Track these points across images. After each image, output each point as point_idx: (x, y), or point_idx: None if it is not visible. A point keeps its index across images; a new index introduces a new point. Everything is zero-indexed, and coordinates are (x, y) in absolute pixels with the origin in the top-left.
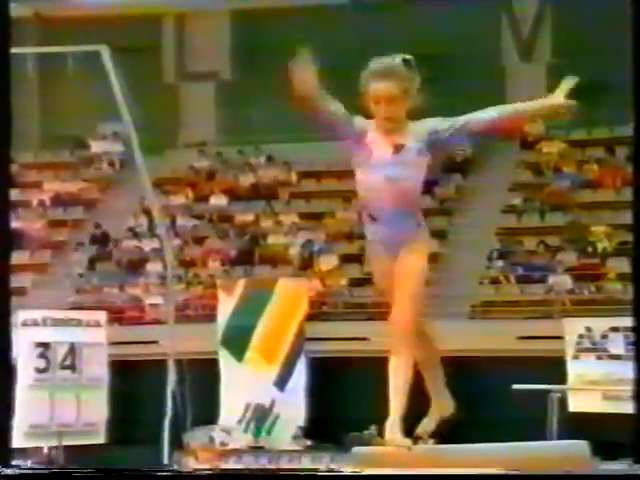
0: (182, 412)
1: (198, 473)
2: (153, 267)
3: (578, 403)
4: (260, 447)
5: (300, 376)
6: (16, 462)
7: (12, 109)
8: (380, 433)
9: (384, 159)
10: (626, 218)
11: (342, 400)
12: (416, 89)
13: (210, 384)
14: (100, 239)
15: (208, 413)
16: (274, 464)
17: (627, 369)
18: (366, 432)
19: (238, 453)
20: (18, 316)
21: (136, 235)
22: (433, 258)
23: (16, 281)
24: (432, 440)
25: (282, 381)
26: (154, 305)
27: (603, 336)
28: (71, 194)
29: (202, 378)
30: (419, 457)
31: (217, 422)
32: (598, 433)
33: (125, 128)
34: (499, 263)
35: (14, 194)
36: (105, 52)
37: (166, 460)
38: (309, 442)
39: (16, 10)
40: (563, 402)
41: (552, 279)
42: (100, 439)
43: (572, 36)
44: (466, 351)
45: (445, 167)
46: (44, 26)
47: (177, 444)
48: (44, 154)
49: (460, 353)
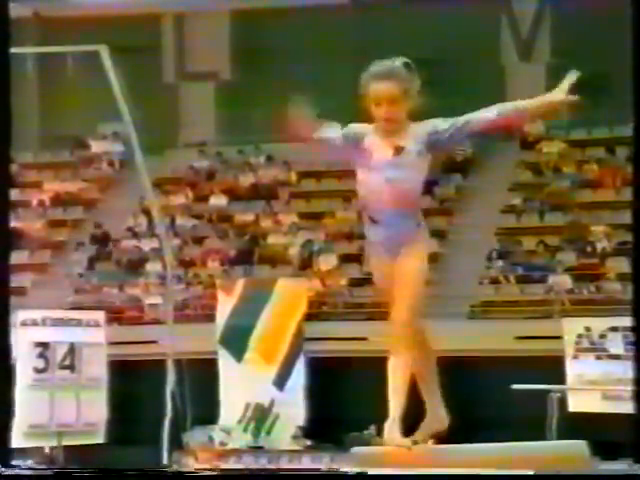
0: (181, 412)
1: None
2: (152, 267)
3: (577, 403)
4: (260, 447)
5: (299, 376)
6: (16, 462)
7: (12, 109)
8: (379, 433)
9: (384, 161)
10: (626, 218)
11: (341, 400)
12: (416, 91)
13: (209, 384)
14: (100, 239)
15: (207, 413)
16: (274, 464)
17: (626, 369)
18: (366, 432)
19: (238, 453)
20: (18, 316)
21: (136, 235)
22: (433, 258)
23: (16, 281)
24: (432, 440)
25: (281, 381)
26: (153, 305)
27: (602, 336)
28: (71, 194)
29: (201, 378)
30: (419, 457)
31: (217, 422)
32: (597, 433)
33: (125, 128)
34: (499, 263)
35: (14, 194)
36: (105, 52)
37: (166, 460)
38: (309, 442)
39: (15, 10)
40: (562, 402)
41: (552, 279)
42: (100, 439)
43: (572, 36)
44: (466, 351)
45: (445, 167)
46: (44, 26)
47: (177, 444)
48: (44, 154)
49: (460, 353)
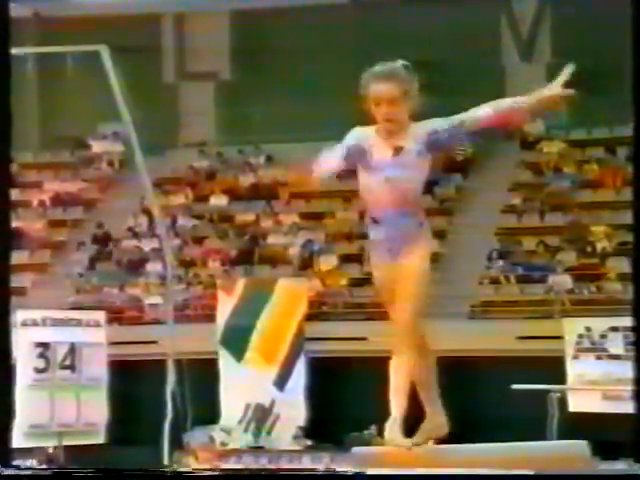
0: (182, 412)
1: (198, 473)
2: (153, 267)
3: (578, 403)
4: (260, 447)
5: (300, 376)
6: (16, 462)
7: (12, 109)
8: (380, 433)
9: (384, 161)
10: (626, 218)
11: (342, 400)
12: (416, 92)
13: (210, 384)
14: (102, 239)
15: (208, 413)
16: (274, 464)
17: (626, 369)
18: (366, 432)
19: (238, 453)
20: (18, 316)
21: (136, 235)
22: (433, 258)
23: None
24: (432, 440)
25: (282, 381)
26: (154, 305)
27: (602, 336)
28: (71, 194)
29: (202, 378)
30: (419, 457)
31: (217, 422)
32: (598, 433)
33: (125, 128)
34: (499, 263)
35: (14, 194)
36: (105, 52)
37: (166, 460)
38: (309, 442)
39: (15, 10)
40: (563, 402)
41: (552, 279)
42: (100, 439)
43: (572, 36)
44: (466, 351)
45: (445, 167)
46: (44, 26)
47: (177, 444)
48: (44, 154)
49: (460, 353)
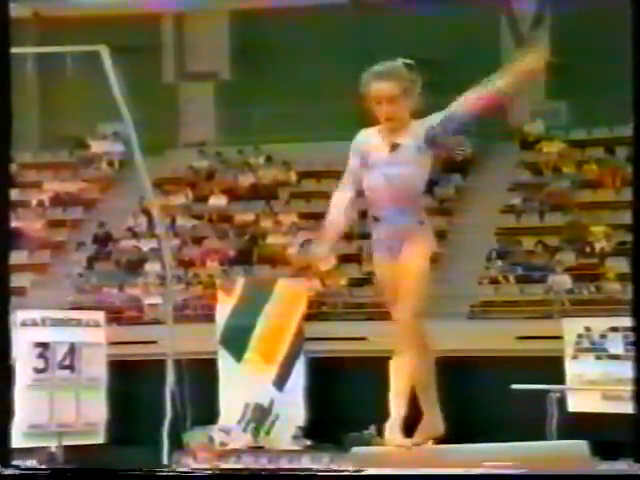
0: (181, 412)
1: (198, 473)
2: (152, 267)
3: (577, 403)
4: (260, 447)
5: (299, 376)
6: (16, 462)
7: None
8: (380, 433)
9: (382, 159)
10: (625, 218)
11: (341, 400)
12: (417, 90)
13: (209, 384)
14: (103, 239)
15: (207, 413)
16: (274, 464)
17: (626, 369)
18: (366, 432)
19: (237, 453)
20: (17, 316)
21: (135, 235)
22: (433, 258)
23: (15, 281)
24: (432, 440)
25: (281, 381)
26: (153, 305)
27: (602, 336)
28: (71, 194)
29: (201, 378)
30: (419, 457)
31: (216, 422)
32: (597, 433)
33: (124, 128)
34: (498, 263)
35: (13, 194)
36: (104, 52)
37: (165, 460)
38: (308, 442)
39: (15, 10)
40: (562, 402)
41: (551, 279)
42: (99, 439)
43: (572, 36)
44: (465, 351)
45: (445, 167)
46: (43, 26)
47: (176, 444)
48: (43, 154)
49: (459, 353)
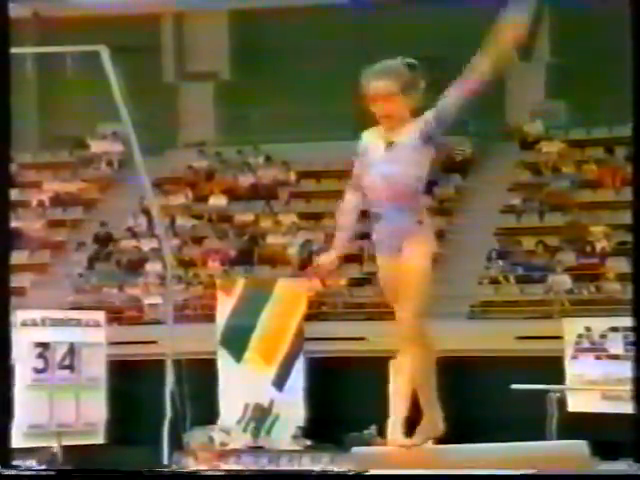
0: (181, 412)
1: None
2: (152, 267)
3: (577, 403)
4: (260, 447)
5: (299, 376)
6: (16, 462)
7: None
8: (380, 433)
9: (378, 157)
10: (625, 218)
11: (341, 400)
12: (418, 89)
13: (209, 384)
14: (104, 238)
15: (207, 413)
16: (274, 464)
17: (626, 369)
18: (366, 432)
19: (237, 453)
20: (17, 316)
21: (135, 235)
22: (433, 258)
23: (15, 281)
24: (432, 440)
25: (281, 381)
26: (153, 305)
27: (602, 336)
28: (70, 194)
29: (201, 378)
30: (419, 457)
31: (216, 422)
32: (597, 433)
33: (124, 128)
34: (498, 263)
35: (13, 194)
36: (104, 52)
37: (166, 460)
38: (309, 442)
39: (15, 10)
40: (562, 402)
41: (551, 279)
42: (99, 439)
43: (571, 36)
44: (465, 351)
45: (445, 167)
46: (43, 26)
47: (176, 444)
48: (43, 154)
49: (459, 353)
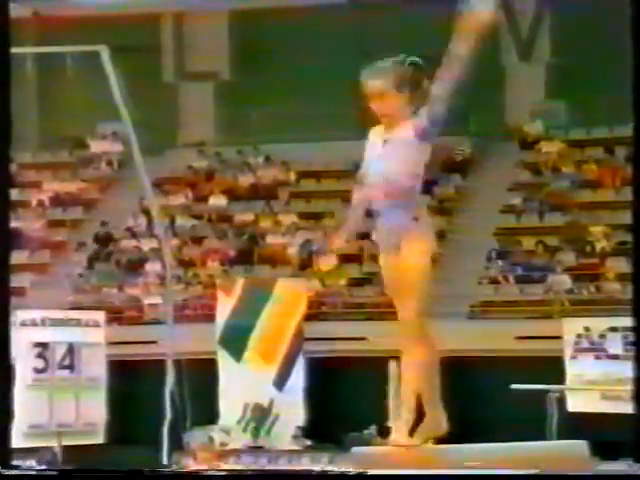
0: (181, 412)
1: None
2: (152, 267)
3: (577, 403)
4: (259, 447)
5: (299, 376)
6: (15, 462)
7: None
8: (380, 433)
9: (375, 155)
10: (625, 218)
11: (341, 400)
12: (418, 86)
13: (209, 384)
14: (104, 238)
15: (207, 413)
16: (274, 464)
17: (625, 369)
18: (365, 432)
19: (237, 453)
20: (17, 316)
21: (135, 235)
22: (433, 258)
23: (15, 281)
24: (431, 440)
25: (281, 381)
26: (153, 305)
27: (602, 336)
28: (70, 194)
29: (201, 378)
30: (419, 457)
31: (216, 422)
32: (597, 433)
33: (124, 128)
34: (498, 263)
35: (13, 194)
36: (104, 52)
37: (165, 460)
38: (308, 442)
39: (15, 10)
40: (562, 402)
41: (551, 279)
42: (99, 439)
43: (571, 36)
44: (465, 351)
45: (444, 167)
46: (43, 26)
47: (176, 444)
48: (43, 154)
49: (459, 353)
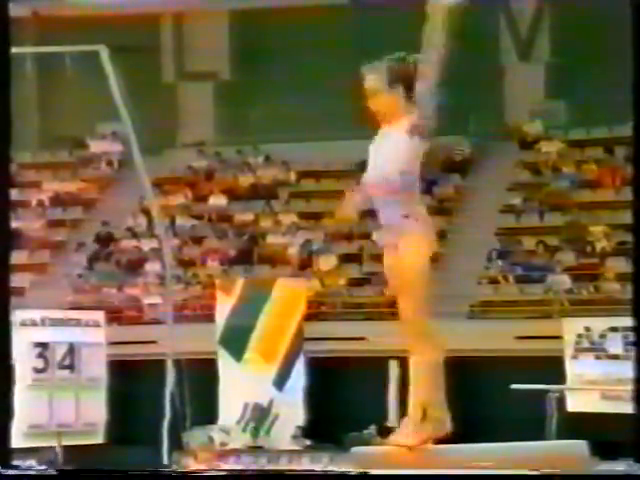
0: (181, 412)
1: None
2: (152, 267)
3: (576, 403)
4: (259, 447)
5: (299, 376)
6: (15, 462)
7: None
8: (380, 433)
9: (372, 152)
10: (625, 218)
11: (341, 400)
12: (408, 82)
13: (209, 384)
14: (105, 238)
15: (207, 413)
16: (273, 464)
17: (625, 369)
18: (365, 432)
19: (237, 453)
20: (16, 316)
21: (135, 235)
22: (432, 258)
23: (15, 281)
24: (432, 440)
25: (281, 381)
26: (153, 305)
27: (602, 336)
28: (70, 194)
29: (201, 378)
30: (419, 457)
31: (216, 422)
32: (596, 433)
33: (124, 128)
34: (498, 263)
35: (13, 194)
36: (104, 52)
37: (165, 460)
38: (308, 442)
39: (14, 10)
40: (562, 402)
41: (551, 279)
42: (99, 439)
43: (571, 35)
44: (465, 351)
45: (444, 167)
46: (42, 26)
47: (176, 444)
48: (43, 154)
49: (459, 353)
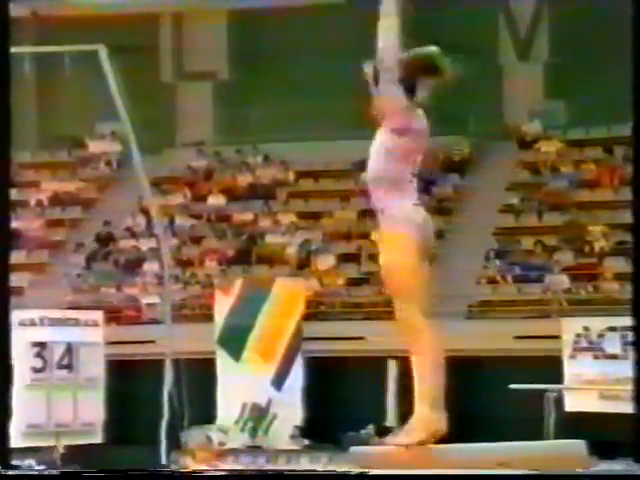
0: (179, 412)
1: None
2: (150, 267)
3: (575, 402)
4: (257, 447)
5: (297, 376)
6: (14, 462)
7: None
8: (378, 433)
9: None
10: (624, 218)
11: (339, 399)
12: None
13: (207, 384)
14: (105, 238)
15: (205, 413)
16: (272, 464)
17: (624, 368)
18: (363, 432)
19: (236, 453)
20: (15, 316)
21: (134, 235)
22: (431, 257)
23: (13, 281)
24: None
25: (279, 381)
26: (151, 305)
27: (600, 335)
28: (69, 194)
29: (199, 378)
30: (418, 457)
31: (214, 422)
32: (595, 432)
33: (123, 128)
34: (496, 263)
35: (12, 194)
36: (103, 52)
37: (164, 460)
38: (306, 442)
39: (13, 9)
40: (560, 401)
41: (549, 279)
42: (97, 439)
43: (570, 35)
44: (463, 351)
45: (443, 167)
46: (41, 26)
47: (175, 444)
48: (42, 154)
49: (457, 353)
